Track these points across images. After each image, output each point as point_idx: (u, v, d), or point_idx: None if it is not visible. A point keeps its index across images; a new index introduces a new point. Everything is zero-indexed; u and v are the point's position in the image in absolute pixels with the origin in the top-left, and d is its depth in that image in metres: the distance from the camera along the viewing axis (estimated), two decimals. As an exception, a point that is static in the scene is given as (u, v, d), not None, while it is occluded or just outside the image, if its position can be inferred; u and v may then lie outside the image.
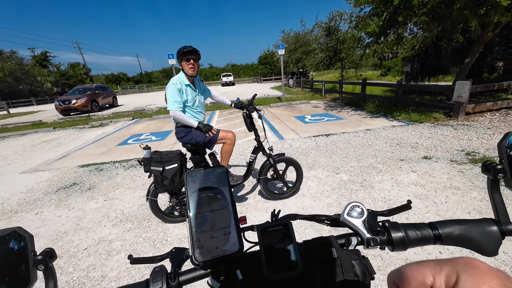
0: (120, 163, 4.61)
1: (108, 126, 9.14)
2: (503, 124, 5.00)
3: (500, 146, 0.39)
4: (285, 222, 0.41)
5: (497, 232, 0.39)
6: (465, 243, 0.40)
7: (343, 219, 0.44)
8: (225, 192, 0.43)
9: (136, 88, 39.17)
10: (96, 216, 2.82)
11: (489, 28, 5.73)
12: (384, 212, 0.47)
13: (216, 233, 0.41)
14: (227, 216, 0.42)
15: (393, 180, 3.06)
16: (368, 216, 0.43)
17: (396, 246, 0.41)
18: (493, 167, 0.39)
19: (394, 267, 1.71)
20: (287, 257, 0.38)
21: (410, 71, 11.24)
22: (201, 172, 0.44)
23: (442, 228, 0.41)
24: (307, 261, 0.40)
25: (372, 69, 31.15)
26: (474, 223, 0.40)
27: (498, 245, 0.39)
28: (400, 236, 0.41)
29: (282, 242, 0.39)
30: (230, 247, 0.40)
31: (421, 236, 0.40)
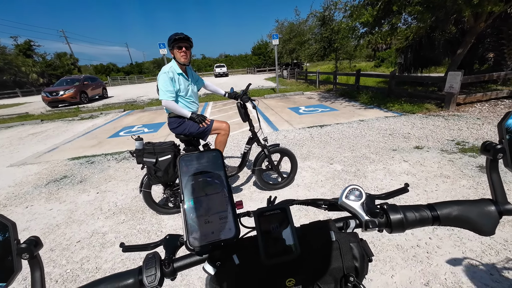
0: (112, 155, 4.52)
1: (98, 118, 8.92)
2: (492, 115, 5.12)
3: (500, 125, 0.38)
4: (283, 206, 0.40)
5: (494, 212, 0.39)
6: (463, 224, 0.40)
7: (342, 202, 0.44)
8: (220, 176, 0.42)
9: (126, 79, 38.19)
10: (88, 209, 2.78)
11: (482, 19, 5.76)
12: (381, 195, 0.47)
13: (212, 217, 0.39)
14: (223, 201, 0.41)
15: (386, 169, 3.11)
16: (366, 198, 0.43)
17: (394, 228, 0.40)
18: (493, 147, 0.39)
19: (387, 250, 1.76)
20: (284, 241, 0.37)
21: (404, 62, 11.29)
22: (194, 155, 0.42)
23: (441, 209, 0.40)
24: (305, 244, 0.39)
25: (366, 60, 31.14)
26: (472, 204, 0.40)
27: (495, 224, 0.39)
28: (398, 218, 0.40)
29: (279, 226, 0.38)
30: (226, 232, 0.39)
31: (419, 218, 0.40)
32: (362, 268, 0.39)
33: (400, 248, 1.85)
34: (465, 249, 1.79)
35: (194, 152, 0.43)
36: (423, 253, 1.79)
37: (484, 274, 1.58)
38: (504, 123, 0.38)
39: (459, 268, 1.64)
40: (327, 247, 0.39)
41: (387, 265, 1.71)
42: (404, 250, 1.83)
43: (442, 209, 0.40)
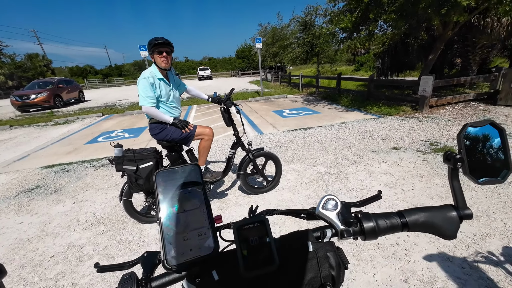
0: (90, 162, 4.31)
1: (74, 123, 8.47)
2: (460, 116, 5.49)
3: (459, 137, 0.42)
4: (262, 219, 0.40)
5: (456, 217, 0.42)
6: (429, 229, 0.42)
7: (318, 212, 0.45)
8: (198, 191, 0.41)
9: (105, 82, 36.64)
10: (63, 220, 2.62)
11: (449, 27, 6.19)
12: (357, 203, 0.49)
13: (190, 234, 0.39)
14: (201, 216, 0.40)
15: (366, 170, 3.22)
16: (341, 208, 0.44)
17: (367, 236, 0.42)
18: (453, 156, 0.41)
19: (368, 252, 1.82)
20: (264, 253, 0.38)
21: (381, 66, 11.84)
22: (171, 171, 0.42)
23: (409, 216, 0.43)
24: (284, 255, 0.40)
25: (346, 64, 32.29)
26: (436, 210, 0.43)
27: (457, 229, 0.42)
28: (371, 226, 0.42)
29: (259, 238, 0.39)
30: (204, 248, 0.39)
31: (390, 225, 0.42)
32: (339, 276, 0.40)
33: (380, 247, 1.92)
34: (439, 244, 1.89)
35: (172, 168, 0.42)
36: (401, 250, 1.87)
37: (457, 268, 1.68)
38: (462, 135, 0.41)
39: (435, 263, 1.73)
40: (305, 257, 0.40)
41: (369, 264, 1.77)
42: (384, 248, 1.90)
43: (410, 216, 0.43)
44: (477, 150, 0.42)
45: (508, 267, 1.64)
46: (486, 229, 2.02)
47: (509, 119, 4.93)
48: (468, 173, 0.42)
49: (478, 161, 0.42)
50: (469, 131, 0.42)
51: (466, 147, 0.41)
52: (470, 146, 0.42)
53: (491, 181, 0.42)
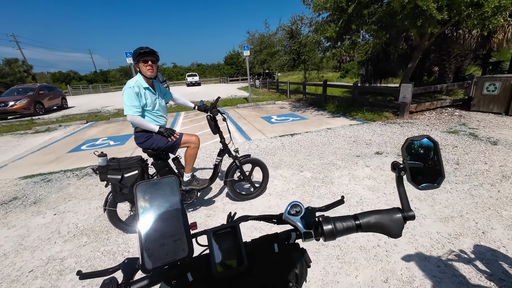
0: (73, 171, 4.18)
1: (56, 130, 8.18)
2: (438, 122, 5.79)
3: (402, 149, 0.48)
4: (233, 225, 0.45)
5: (400, 218, 0.48)
6: (378, 229, 0.48)
7: (285, 217, 0.50)
8: (175, 201, 0.45)
9: (90, 88, 35.64)
10: (44, 233, 2.52)
11: (426, 38, 6.57)
12: (322, 208, 0.54)
13: (167, 240, 0.42)
14: (178, 224, 0.44)
15: (350, 175, 3.33)
16: (305, 213, 0.49)
17: (327, 237, 0.47)
18: (398, 166, 0.48)
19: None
20: (234, 256, 0.42)
21: (365, 73, 12.32)
22: (150, 183, 0.45)
23: (362, 218, 0.48)
24: (253, 257, 0.44)
25: (333, 71, 33.23)
26: (385, 212, 0.49)
27: (401, 228, 0.48)
28: (329, 228, 0.47)
29: (231, 242, 0.43)
30: (180, 252, 0.42)
31: (346, 227, 0.47)
32: (301, 274, 0.45)
33: (363, 249, 1.99)
34: (418, 245, 1.99)
35: (150, 180, 0.46)
36: (382, 252, 1.95)
37: (433, 267, 1.77)
38: (404, 147, 0.48)
39: (413, 263, 1.82)
40: (272, 258, 0.45)
41: (351, 266, 1.83)
42: (366, 250, 1.97)
43: (364, 218, 0.48)
44: (417, 160, 0.48)
45: (478, 265, 1.75)
46: (460, 229, 2.15)
47: (481, 124, 5.25)
48: (410, 180, 0.48)
49: (418, 169, 0.48)
50: (411, 144, 0.48)
51: (408, 157, 0.48)
52: (411, 157, 0.48)
53: (429, 186, 0.48)
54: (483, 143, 4.15)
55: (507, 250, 1.87)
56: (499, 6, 4.60)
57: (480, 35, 7.61)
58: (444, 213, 2.37)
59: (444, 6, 4.91)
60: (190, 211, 2.70)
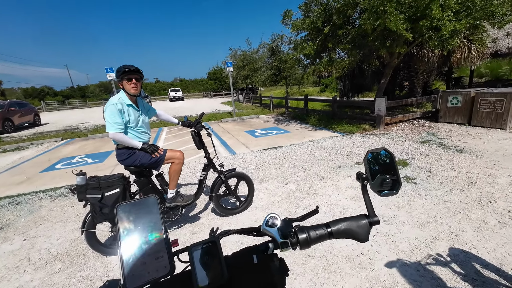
0: (46, 192, 3.92)
1: (27, 149, 7.68)
2: (411, 132, 6.20)
3: (364, 160, 0.54)
4: (213, 240, 0.47)
5: (366, 224, 0.54)
6: (348, 235, 0.53)
7: (263, 229, 0.53)
8: (156, 220, 0.47)
9: (66, 104, 34.14)
10: (11, 261, 2.32)
11: (395, 56, 7.17)
12: (298, 218, 0.58)
13: (148, 258, 0.44)
14: (159, 242, 0.46)
15: (333, 185, 3.44)
16: (281, 224, 0.53)
17: (302, 245, 0.51)
18: (361, 176, 0.54)
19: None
20: (215, 270, 0.44)
21: (343, 88, 12.99)
22: (131, 203, 0.47)
23: (333, 226, 0.53)
24: (233, 270, 0.46)
25: (313, 86, 34.64)
26: (354, 219, 0.54)
27: (368, 233, 0.53)
28: (304, 237, 0.51)
29: (212, 257, 0.45)
30: (161, 270, 0.44)
31: (319, 235, 0.52)
32: (280, 282, 0.48)
33: (348, 258, 2.04)
34: (398, 251, 2.08)
35: (131, 200, 0.48)
36: (366, 260, 2.01)
37: (413, 271, 1.85)
38: (366, 159, 0.54)
39: (395, 269, 1.89)
40: (250, 269, 0.48)
41: (337, 276, 1.86)
42: (351, 259, 2.02)
43: (335, 225, 0.53)
44: (377, 170, 0.55)
45: (454, 266, 1.86)
46: (435, 233, 2.28)
47: (448, 134, 5.70)
48: (372, 188, 0.54)
49: (379, 178, 0.54)
50: (371, 156, 0.55)
51: (370, 168, 0.54)
52: (373, 167, 0.55)
53: (390, 193, 0.54)
54: (451, 151, 4.49)
55: (477, 251, 2.00)
56: (454, 30, 5.19)
57: (441, 54, 8.43)
58: (420, 219, 2.50)
59: (409, 28, 5.44)
60: (174, 228, 2.62)
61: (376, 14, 5.32)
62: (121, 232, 0.44)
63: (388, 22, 5.13)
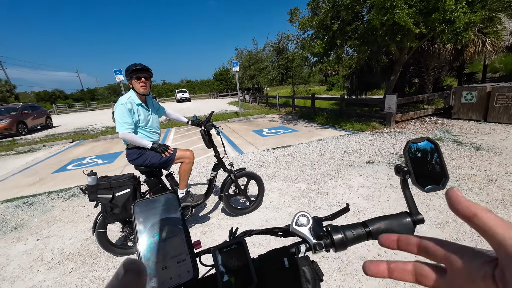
0: (58, 193, 3.97)
1: (40, 151, 7.86)
2: (423, 129, 6.02)
3: (404, 152, 0.48)
4: (240, 240, 0.42)
5: (410, 222, 0.48)
6: None
7: (292, 229, 0.48)
8: (176, 219, 0.42)
9: (76, 107, 34.96)
10: (25, 260, 2.34)
11: (405, 52, 6.99)
12: (328, 217, 0.52)
13: (169, 262, 0.39)
14: (180, 243, 0.41)
15: (345, 184, 3.35)
16: (313, 223, 0.47)
17: (338, 247, 0.45)
18: (402, 169, 0.48)
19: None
20: (243, 274, 0.39)
21: (350, 86, 12.78)
22: (149, 200, 0.43)
23: (372, 225, 0.47)
24: (262, 274, 0.41)
25: (319, 85, 34.34)
26: (394, 217, 0.48)
27: (412, 233, 0.47)
28: (340, 237, 0.45)
29: (237, 259, 0.41)
30: (184, 275, 0.39)
31: (356, 235, 0.46)
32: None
33: (364, 259, 1.96)
34: (417, 252, 1.98)
35: (149, 197, 0.43)
36: (383, 261, 1.92)
37: (434, 274, 1.76)
38: (406, 150, 0.48)
39: (414, 271, 1.80)
40: (282, 274, 0.42)
41: (354, 278, 1.79)
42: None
43: (373, 224, 0.47)
44: (420, 163, 0.49)
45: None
46: (455, 233, 2.17)
47: (463, 131, 5.50)
48: (415, 183, 0.48)
49: (422, 171, 0.48)
50: (412, 147, 0.49)
51: (411, 160, 0.48)
52: (414, 159, 0.49)
53: (435, 188, 0.48)
54: (467, 148, 4.32)
55: (503, 253, 1.89)
56: (469, 22, 5.00)
57: (454, 49, 8.16)
58: (439, 219, 2.40)
59: (421, 22, 5.28)
60: (184, 229, 2.60)
61: (384, 9, 5.19)
62: (139, 231, 0.40)
63: (397, 16, 4.99)
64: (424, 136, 0.51)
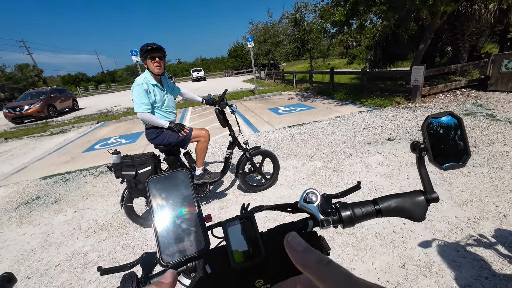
0: (88, 170, 4.32)
1: (70, 132, 8.44)
2: (453, 104, 5.57)
3: (422, 128, 0.45)
4: (248, 215, 0.44)
5: (423, 201, 0.46)
6: (400, 213, 0.46)
7: (301, 205, 0.48)
8: (188, 194, 0.44)
9: (98, 89, 36.35)
10: (66, 229, 2.64)
11: (438, 16, 6.25)
12: (338, 194, 0.52)
13: (182, 233, 0.42)
14: (192, 217, 0.43)
15: (362, 162, 3.28)
16: (321, 200, 0.48)
17: (345, 224, 0.46)
18: (418, 146, 0.45)
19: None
20: (251, 247, 0.41)
21: (373, 58, 11.90)
22: (162, 177, 0.45)
23: (382, 203, 0.46)
24: (270, 248, 0.43)
25: (339, 58, 32.34)
26: (406, 195, 0.47)
27: (425, 212, 0.46)
28: (348, 214, 0.45)
29: (247, 233, 0.43)
30: (196, 245, 0.42)
31: (365, 212, 0.46)
32: None
33: (378, 236, 1.97)
34: (435, 230, 1.95)
35: (162, 174, 0.45)
36: (398, 238, 1.93)
37: (452, 252, 1.74)
38: (425, 126, 0.45)
39: (430, 248, 1.79)
40: None
41: (367, 253, 1.82)
42: (382, 237, 1.95)
43: (383, 202, 0.46)
44: (439, 139, 0.45)
45: (500, 248, 1.71)
46: (479, 212, 2.09)
47: (499, 104, 5.01)
48: (432, 160, 0.45)
49: (441, 149, 0.45)
50: (432, 122, 0.45)
51: (429, 136, 0.45)
52: (433, 135, 0.45)
53: (454, 166, 0.46)
54: (502, 123, 3.97)
55: (531, 233, 1.80)
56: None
57: (498, 9, 7.15)
58: (462, 198, 2.30)
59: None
60: (203, 204, 2.75)
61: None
62: (154, 206, 0.43)
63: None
64: (446, 110, 0.47)
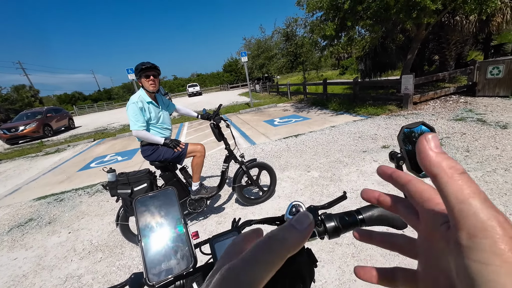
0: (84, 189, 4.26)
1: (66, 151, 8.37)
2: (443, 110, 5.70)
3: (398, 138, 0.48)
4: (235, 230, 0.45)
5: None
6: (382, 222, 0.47)
7: (286, 218, 0.50)
8: (175, 212, 0.45)
9: (95, 107, 36.46)
10: (60, 251, 2.57)
11: (422, 28, 6.54)
12: (324, 205, 0.53)
13: (169, 252, 0.43)
14: (179, 235, 0.44)
15: (358, 171, 3.30)
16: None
17: (330, 235, 0.46)
18: (396, 155, 0.47)
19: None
20: None
21: (364, 68, 12.25)
22: (149, 196, 0.46)
23: (365, 213, 0.48)
24: None
25: (331, 69, 33.20)
26: None
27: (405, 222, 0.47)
28: (332, 225, 0.46)
29: None
30: (183, 263, 0.42)
31: (350, 222, 0.47)
32: (309, 274, 0.44)
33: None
34: (434, 237, 1.94)
35: (149, 193, 0.47)
36: (398, 246, 1.91)
37: (452, 258, 1.72)
38: (400, 136, 0.47)
39: (430, 255, 1.77)
40: None
41: (368, 264, 1.80)
42: (381, 246, 1.94)
43: (367, 212, 0.48)
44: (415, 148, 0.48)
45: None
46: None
47: (488, 109, 5.15)
48: (409, 168, 0.47)
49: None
50: (406, 132, 0.48)
51: (405, 146, 0.47)
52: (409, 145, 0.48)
53: None
54: (492, 127, 4.06)
55: (528, 236, 1.80)
56: (494, -11, 4.56)
57: (478, 20, 7.51)
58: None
59: (438, -5, 4.90)
60: (200, 219, 2.71)
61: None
62: (141, 225, 0.43)
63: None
64: (419, 121, 0.50)
